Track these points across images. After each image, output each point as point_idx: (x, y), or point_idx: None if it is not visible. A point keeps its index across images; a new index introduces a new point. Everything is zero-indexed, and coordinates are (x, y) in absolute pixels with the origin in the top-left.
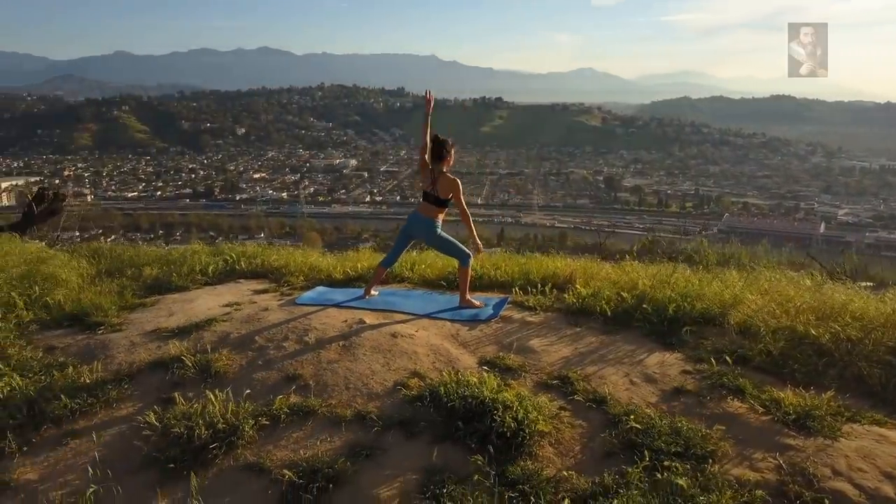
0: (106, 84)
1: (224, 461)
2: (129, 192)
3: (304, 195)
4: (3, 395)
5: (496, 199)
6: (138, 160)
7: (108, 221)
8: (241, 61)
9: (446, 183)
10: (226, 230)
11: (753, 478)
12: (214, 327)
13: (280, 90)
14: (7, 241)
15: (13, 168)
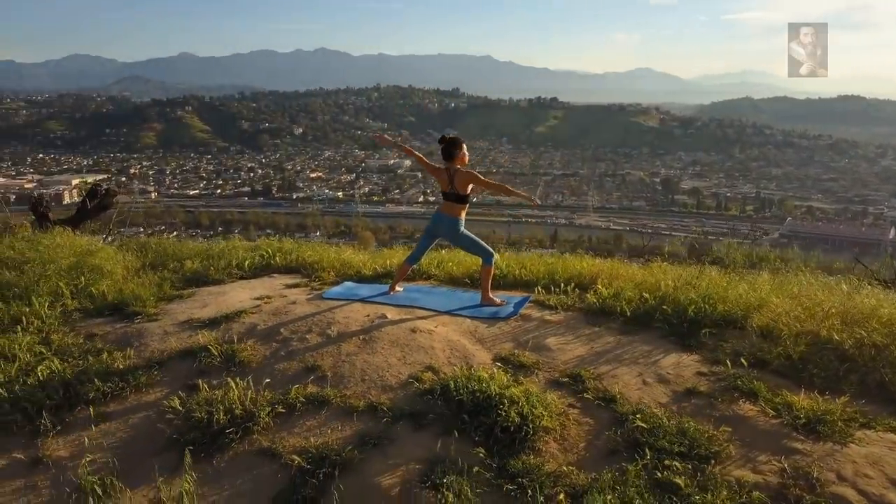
0: (170, 85)
1: (240, 446)
2: (191, 189)
3: (359, 195)
4: (42, 377)
5: (550, 200)
6: (200, 159)
7: (171, 218)
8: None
9: (462, 178)
10: (283, 228)
11: (754, 479)
12: (243, 319)
13: (337, 91)
14: (59, 235)
15: (83, 166)
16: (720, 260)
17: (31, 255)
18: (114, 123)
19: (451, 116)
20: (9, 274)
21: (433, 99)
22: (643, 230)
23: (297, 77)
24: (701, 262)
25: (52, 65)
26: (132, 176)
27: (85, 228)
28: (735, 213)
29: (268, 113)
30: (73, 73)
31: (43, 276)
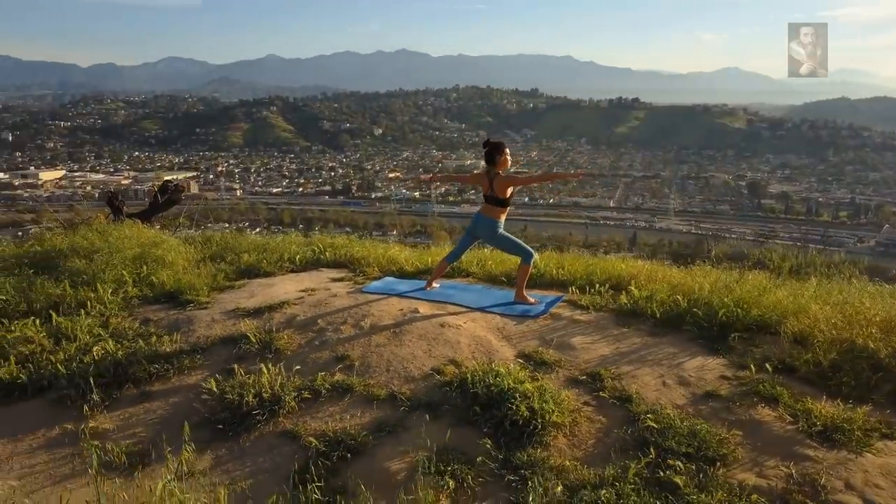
0: (257, 86)
1: (265, 427)
2: (274, 187)
3: (435, 195)
4: (97, 357)
5: (630, 203)
6: (283, 158)
7: (255, 215)
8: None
9: (501, 182)
10: (361, 227)
11: (757, 483)
12: (285, 309)
13: (416, 91)
14: (129, 227)
15: (174, 163)
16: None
17: (101, 245)
18: (203, 123)
19: (530, 117)
20: (79, 262)
21: (511, 99)
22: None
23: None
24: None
25: (149, 67)
26: (219, 174)
27: (157, 222)
28: (827, 219)
29: (349, 113)
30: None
31: (109, 264)
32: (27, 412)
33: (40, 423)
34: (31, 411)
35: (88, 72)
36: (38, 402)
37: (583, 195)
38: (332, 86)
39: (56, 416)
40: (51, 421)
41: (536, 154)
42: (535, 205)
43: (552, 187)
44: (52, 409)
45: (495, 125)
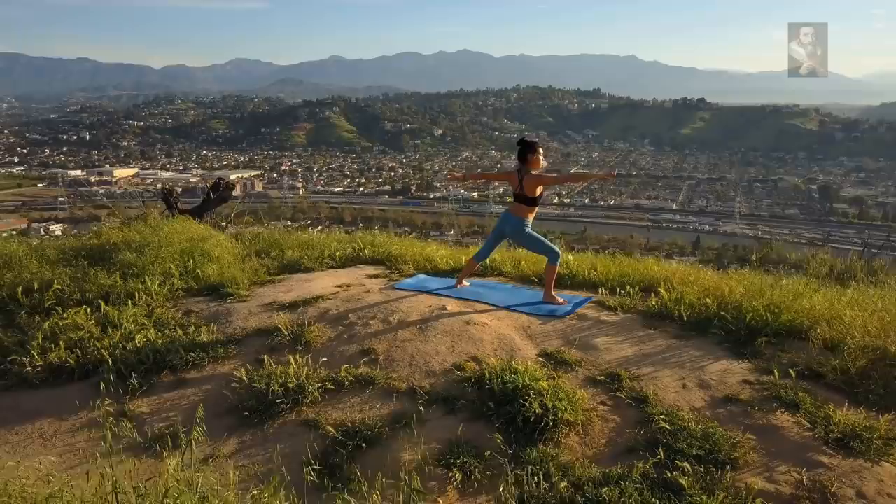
0: (321, 86)
1: (289, 415)
2: (336, 187)
3: (493, 195)
4: (139, 344)
5: (693, 206)
6: (345, 157)
7: (316, 213)
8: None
9: (531, 181)
10: (419, 226)
11: (763, 487)
12: (319, 304)
13: (477, 92)
14: (180, 222)
15: (240, 162)
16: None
17: (152, 239)
18: (268, 123)
19: (591, 117)
20: (130, 255)
21: (573, 100)
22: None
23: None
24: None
25: (217, 69)
26: (283, 172)
27: (211, 218)
28: None
29: (410, 114)
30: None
31: (158, 257)
32: (73, 394)
33: (83, 405)
34: (76, 393)
35: (161, 73)
36: (83, 384)
37: (645, 197)
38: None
39: (96, 398)
40: (93, 403)
41: (598, 154)
42: (594, 206)
43: (613, 188)
44: (95, 391)
45: (555, 125)
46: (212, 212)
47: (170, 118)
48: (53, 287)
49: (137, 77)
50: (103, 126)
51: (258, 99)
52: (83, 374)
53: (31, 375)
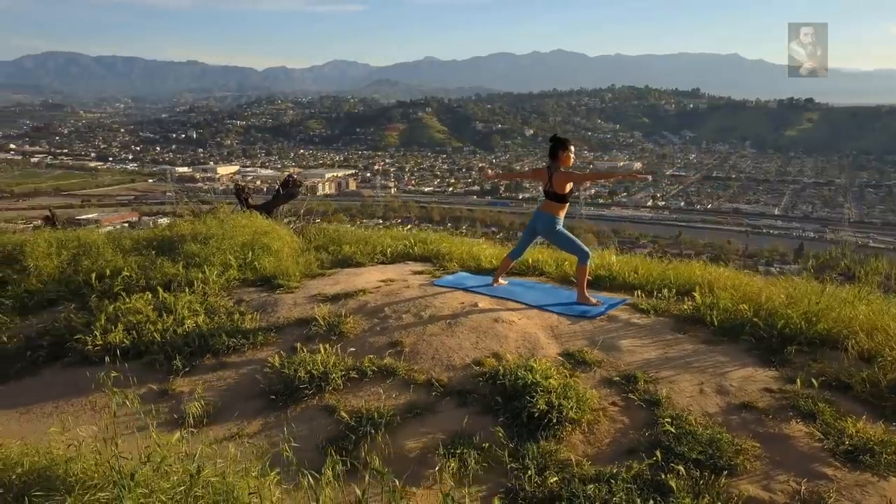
0: (414, 87)
1: (311, 400)
2: (426, 186)
3: (584, 196)
4: (188, 329)
5: (797, 211)
6: (435, 158)
7: (406, 212)
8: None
9: (560, 178)
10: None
11: (758, 495)
12: (360, 297)
13: (570, 92)
14: (247, 217)
15: (335, 161)
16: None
17: (216, 232)
18: (363, 123)
19: (689, 118)
20: (194, 246)
21: (670, 100)
22: None
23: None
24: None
25: (316, 70)
26: (375, 172)
27: (280, 213)
28: None
29: (501, 114)
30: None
31: (219, 249)
32: (125, 372)
33: (132, 383)
34: (128, 372)
35: (263, 74)
36: (135, 363)
37: (744, 201)
38: (486, 87)
39: (146, 376)
40: (141, 380)
41: (695, 157)
42: (690, 210)
43: (710, 191)
44: (145, 370)
45: (651, 126)
46: (280, 207)
47: (270, 118)
48: (122, 274)
49: (241, 78)
50: (209, 125)
51: (354, 99)
52: (137, 354)
53: (92, 353)
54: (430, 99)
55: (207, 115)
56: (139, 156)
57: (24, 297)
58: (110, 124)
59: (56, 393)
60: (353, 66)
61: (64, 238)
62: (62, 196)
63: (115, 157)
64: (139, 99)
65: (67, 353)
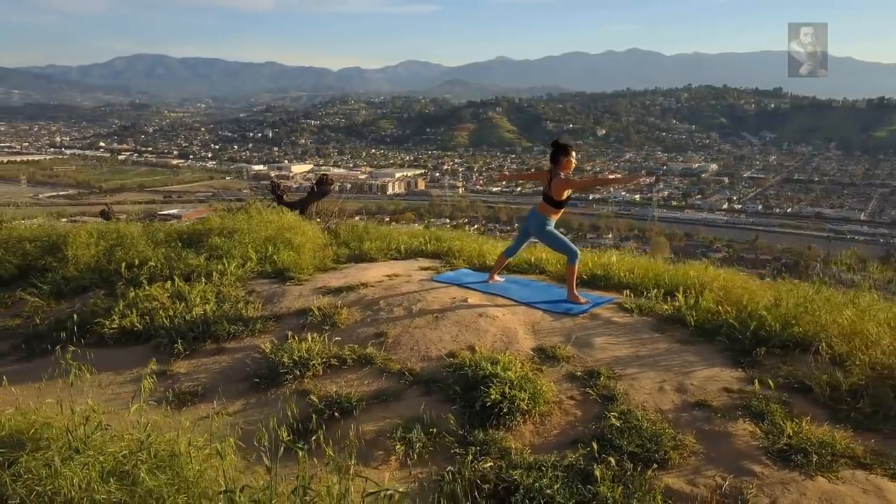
0: (485, 87)
1: (290, 385)
2: (494, 187)
3: (657, 199)
4: (196, 315)
5: (884, 217)
6: (504, 158)
7: (473, 212)
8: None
9: (558, 185)
10: (575, 228)
11: (679, 487)
12: (361, 290)
13: (644, 92)
14: (276, 212)
15: (405, 161)
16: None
17: (241, 227)
18: (433, 123)
19: (769, 118)
20: (219, 239)
21: (749, 99)
22: None
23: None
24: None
25: (389, 70)
26: (444, 172)
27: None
28: None
29: (572, 114)
30: (406, 77)
31: (241, 243)
32: (133, 353)
33: (137, 363)
34: (136, 353)
35: (337, 75)
36: (143, 346)
37: (827, 205)
38: (558, 86)
39: (150, 358)
40: (144, 362)
41: (775, 158)
42: (769, 213)
43: (790, 195)
44: (150, 352)
45: (729, 127)
46: (314, 204)
47: (343, 117)
48: (148, 264)
49: (317, 79)
50: (284, 125)
51: (425, 99)
52: (147, 338)
53: (108, 336)
54: (500, 99)
55: (283, 114)
56: (218, 154)
57: (61, 283)
58: (192, 123)
59: None
60: (425, 66)
61: (104, 230)
62: (146, 192)
63: (195, 155)
64: (219, 99)
65: (88, 334)
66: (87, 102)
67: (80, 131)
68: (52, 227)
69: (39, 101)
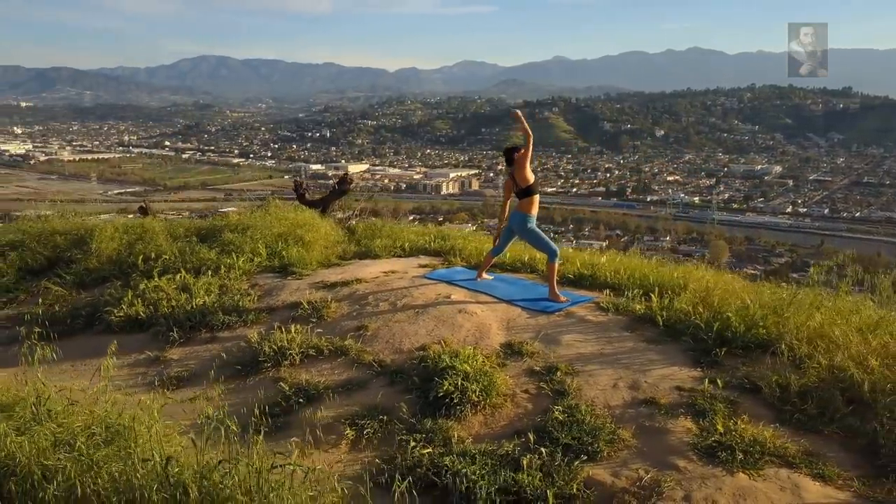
0: (542, 87)
1: (268, 373)
2: (548, 187)
3: (717, 201)
4: (196, 306)
5: None
6: (560, 158)
7: None
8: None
9: (518, 171)
10: (632, 230)
11: (601, 478)
12: (354, 286)
13: (705, 91)
14: (293, 210)
15: (459, 161)
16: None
17: (254, 223)
18: (488, 123)
19: (837, 119)
20: (232, 235)
21: (816, 99)
22: None
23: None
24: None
25: (445, 70)
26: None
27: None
28: None
29: (630, 114)
30: (462, 77)
31: (252, 239)
32: (135, 340)
33: (138, 349)
34: (138, 339)
35: (394, 75)
36: (145, 334)
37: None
38: (616, 86)
39: (149, 345)
40: (144, 348)
41: (843, 160)
42: (836, 218)
43: (859, 198)
44: (150, 339)
45: (794, 128)
46: (335, 202)
47: (399, 118)
48: (162, 258)
49: (374, 79)
50: (341, 125)
51: (480, 100)
52: (149, 326)
53: (114, 323)
54: (556, 98)
55: (341, 114)
56: (277, 153)
57: (84, 274)
58: (252, 123)
59: (79, 354)
60: (481, 66)
61: (130, 225)
62: (207, 190)
63: (255, 154)
64: (279, 99)
65: (98, 321)
66: (153, 103)
67: (147, 130)
68: (82, 222)
69: (109, 102)
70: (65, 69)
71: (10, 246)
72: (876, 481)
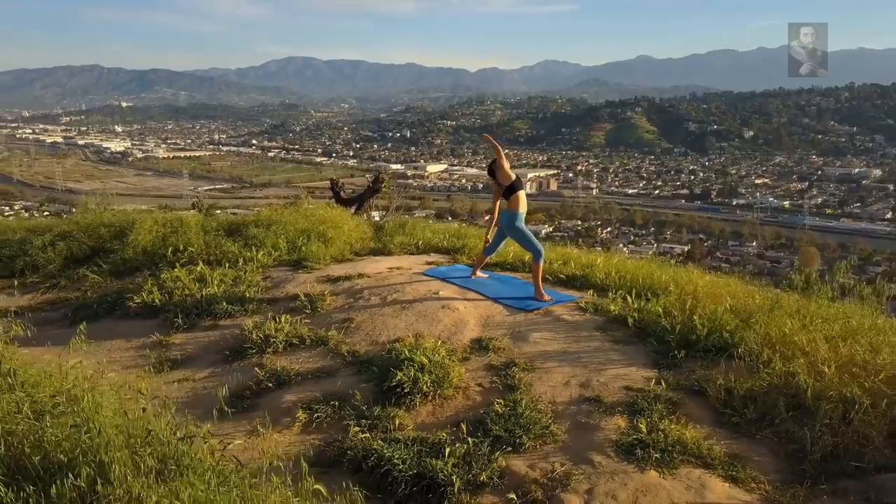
0: (625, 87)
1: (252, 359)
2: (630, 188)
3: (809, 205)
4: (205, 294)
5: None
6: (642, 159)
7: (607, 214)
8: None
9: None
10: (716, 234)
11: (515, 468)
12: (355, 280)
13: (799, 91)
14: (322, 207)
15: (538, 161)
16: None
17: (282, 219)
18: (569, 123)
19: None
20: (256, 230)
21: None
22: None
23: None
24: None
25: (525, 70)
26: (578, 172)
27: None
28: None
29: (717, 114)
30: (543, 77)
31: (276, 234)
32: (145, 325)
33: (146, 333)
34: (147, 324)
35: (475, 76)
36: (155, 320)
37: None
38: (703, 85)
39: (156, 329)
40: (151, 332)
41: None
42: None
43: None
44: (157, 324)
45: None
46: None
47: (479, 118)
48: (188, 250)
49: (455, 79)
50: (421, 125)
51: (561, 99)
52: (161, 312)
53: (132, 309)
54: (639, 98)
55: (421, 114)
56: (358, 153)
57: (119, 263)
58: (335, 123)
59: (97, 336)
60: (563, 65)
61: (168, 219)
62: (291, 188)
63: (337, 153)
64: (362, 99)
65: (120, 307)
66: (242, 103)
67: (236, 129)
68: (126, 214)
69: (202, 102)
70: (162, 70)
71: (60, 236)
72: (789, 487)
